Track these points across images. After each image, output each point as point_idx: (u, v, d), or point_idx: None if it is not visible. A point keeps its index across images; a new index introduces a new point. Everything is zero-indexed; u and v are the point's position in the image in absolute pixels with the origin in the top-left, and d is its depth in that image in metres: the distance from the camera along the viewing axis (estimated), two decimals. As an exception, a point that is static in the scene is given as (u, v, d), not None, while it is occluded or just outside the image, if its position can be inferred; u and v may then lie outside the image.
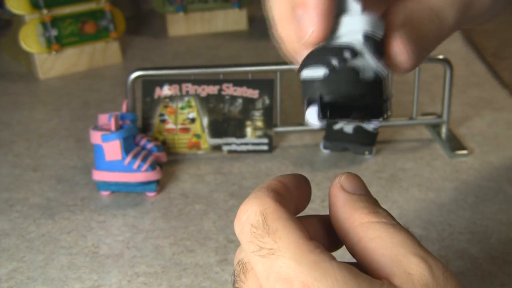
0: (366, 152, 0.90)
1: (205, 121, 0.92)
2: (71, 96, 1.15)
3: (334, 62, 0.31)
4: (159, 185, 0.83)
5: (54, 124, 1.04)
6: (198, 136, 0.92)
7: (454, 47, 1.11)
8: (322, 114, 0.31)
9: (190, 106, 0.92)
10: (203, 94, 0.92)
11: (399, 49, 0.33)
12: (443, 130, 0.95)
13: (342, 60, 0.31)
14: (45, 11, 1.20)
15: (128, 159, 0.80)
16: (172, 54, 1.35)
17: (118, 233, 0.75)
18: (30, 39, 1.19)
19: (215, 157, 0.92)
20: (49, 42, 1.21)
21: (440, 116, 0.96)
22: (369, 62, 0.31)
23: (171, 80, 0.92)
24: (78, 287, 0.66)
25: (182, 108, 0.92)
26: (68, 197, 0.82)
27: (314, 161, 0.90)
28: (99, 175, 0.81)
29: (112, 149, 0.80)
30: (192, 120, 0.92)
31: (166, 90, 0.92)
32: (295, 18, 0.32)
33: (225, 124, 0.92)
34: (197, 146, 0.92)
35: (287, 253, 0.31)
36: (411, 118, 0.95)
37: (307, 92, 0.32)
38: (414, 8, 0.34)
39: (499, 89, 1.10)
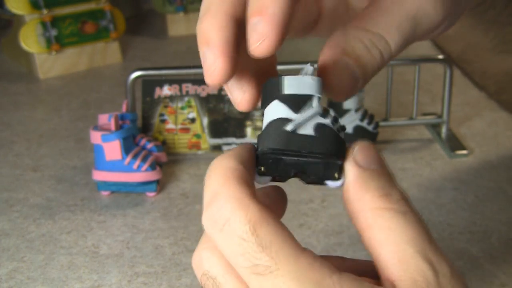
0: (366, 152, 0.90)
1: (205, 121, 0.92)
2: (71, 96, 1.15)
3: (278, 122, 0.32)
4: (159, 185, 0.83)
5: (54, 124, 1.04)
6: (198, 136, 0.92)
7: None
8: (257, 170, 0.31)
9: (190, 106, 0.92)
10: (203, 94, 0.92)
11: (339, 80, 0.33)
12: (443, 130, 0.95)
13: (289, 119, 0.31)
14: (45, 11, 1.20)
15: (128, 159, 0.80)
16: (172, 54, 1.35)
17: (118, 233, 0.75)
18: (30, 39, 1.19)
19: (215, 157, 0.91)
20: (49, 42, 1.21)
21: (440, 116, 0.96)
22: (307, 116, 0.31)
23: (171, 80, 0.92)
24: (78, 287, 0.66)
25: (182, 108, 0.92)
26: (68, 197, 0.82)
27: (314, 161, 0.90)
28: (99, 175, 0.81)
29: (112, 149, 0.80)
30: (192, 120, 0.92)
31: (166, 90, 0.92)
32: (248, 27, 0.31)
33: (225, 124, 0.92)
34: (197, 146, 0.92)
35: (286, 272, 0.29)
36: (411, 118, 0.95)
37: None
38: (357, 35, 0.33)
39: (499, 89, 1.10)
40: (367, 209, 0.31)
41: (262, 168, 0.31)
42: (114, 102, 1.11)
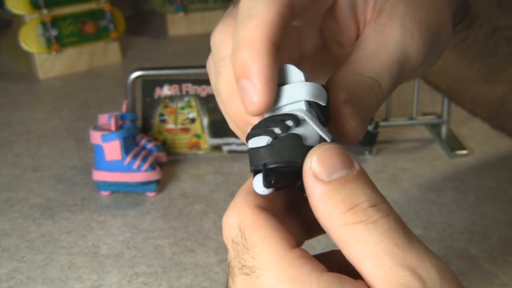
0: (366, 152, 0.90)
1: (205, 121, 0.92)
2: (71, 96, 1.15)
3: (277, 130, 0.31)
4: (159, 185, 0.83)
5: (54, 124, 1.04)
6: (198, 136, 0.92)
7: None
8: (267, 182, 0.31)
9: (190, 106, 0.92)
10: (203, 94, 0.92)
11: (348, 125, 0.33)
12: (443, 130, 0.95)
13: (285, 128, 0.31)
14: (45, 11, 1.20)
15: (128, 159, 0.80)
16: (172, 54, 1.35)
17: (118, 233, 0.75)
18: (30, 39, 1.19)
19: (215, 157, 0.92)
20: (49, 42, 1.21)
21: (440, 116, 0.96)
22: (312, 129, 0.31)
23: (171, 80, 0.92)
24: (78, 287, 0.66)
25: (182, 108, 0.92)
26: (68, 197, 0.82)
27: (314, 161, 0.90)
28: (99, 175, 0.81)
29: (112, 149, 0.80)
30: (192, 120, 0.92)
31: (166, 90, 0.92)
32: (238, 88, 0.31)
33: (225, 124, 0.91)
34: (197, 146, 0.92)
35: (266, 270, 0.29)
36: (411, 118, 0.95)
37: (253, 162, 0.32)
38: (354, 80, 0.34)
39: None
40: (337, 227, 0.30)
41: (272, 181, 0.31)
42: (114, 102, 1.11)
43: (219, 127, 0.92)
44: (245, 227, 0.31)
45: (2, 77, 1.24)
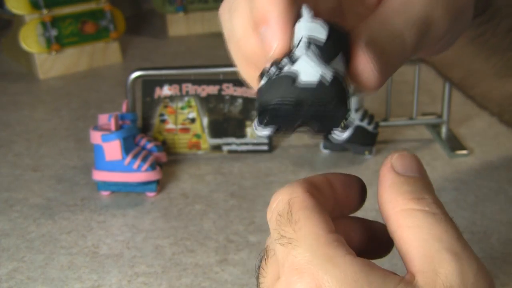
0: (366, 152, 0.90)
1: (205, 121, 0.92)
2: (71, 96, 1.15)
3: (272, 70, 0.32)
4: (159, 185, 0.83)
5: (54, 124, 1.04)
6: (198, 136, 0.92)
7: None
8: (259, 121, 0.32)
9: (190, 106, 0.92)
10: (203, 94, 0.92)
11: (365, 66, 0.33)
12: (443, 130, 0.95)
13: (279, 67, 0.32)
14: (45, 11, 1.20)
15: (128, 159, 0.80)
16: (172, 54, 1.35)
17: (118, 233, 0.75)
18: (30, 39, 1.19)
19: (215, 157, 0.92)
20: (49, 42, 1.21)
21: (440, 116, 0.96)
22: (309, 66, 0.31)
23: (171, 80, 0.92)
24: (78, 287, 0.66)
25: (182, 108, 0.92)
26: (68, 197, 0.82)
27: (314, 161, 0.90)
28: (99, 175, 0.81)
29: (112, 149, 0.80)
30: (192, 120, 0.92)
31: (166, 90, 0.92)
32: (259, 35, 0.32)
33: (225, 124, 0.92)
34: (197, 146, 0.92)
35: (303, 243, 0.31)
36: (411, 118, 0.95)
37: (255, 103, 0.33)
38: (378, 28, 0.34)
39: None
40: (398, 210, 0.32)
41: (265, 120, 0.32)
42: (114, 102, 1.11)
43: (219, 127, 0.92)
44: (294, 203, 0.32)
45: (2, 77, 1.24)
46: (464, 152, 0.91)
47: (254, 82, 0.36)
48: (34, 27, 1.19)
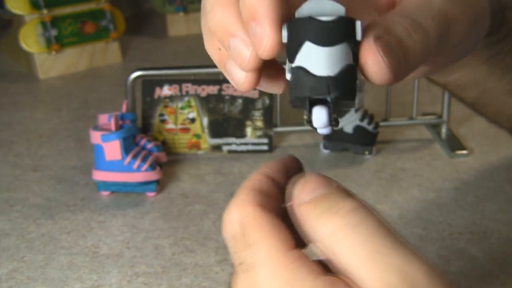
0: (366, 152, 0.90)
1: (205, 121, 0.92)
2: (71, 96, 1.15)
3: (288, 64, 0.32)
4: (159, 185, 0.83)
5: (54, 124, 1.04)
6: (198, 136, 0.92)
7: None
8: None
9: (190, 106, 0.92)
10: (203, 94, 0.92)
11: (372, 60, 0.31)
12: (443, 130, 0.95)
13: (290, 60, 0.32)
14: (45, 11, 1.20)
15: (128, 159, 0.80)
16: (172, 54, 1.35)
17: (118, 233, 0.75)
18: (30, 39, 1.19)
19: (215, 157, 0.92)
20: (49, 42, 1.21)
21: (440, 116, 0.96)
22: (316, 60, 0.31)
23: (171, 80, 0.92)
24: (78, 287, 0.66)
25: (182, 108, 0.92)
26: (68, 197, 0.82)
27: (314, 161, 0.90)
28: (99, 175, 0.81)
29: (112, 149, 0.80)
30: (192, 120, 0.92)
31: (166, 90, 0.92)
32: (250, 33, 0.31)
33: (225, 124, 0.92)
34: (197, 146, 0.92)
35: (263, 268, 0.30)
36: (411, 118, 0.95)
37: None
38: (394, 20, 0.32)
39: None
40: (324, 237, 0.30)
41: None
42: (114, 102, 1.11)
43: (219, 127, 0.92)
44: (246, 224, 0.31)
45: (2, 77, 1.24)
46: (464, 152, 0.91)
47: (215, 55, 0.35)
48: (34, 27, 1.19)
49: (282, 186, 0.34)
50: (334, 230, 0.30)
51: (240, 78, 0.34)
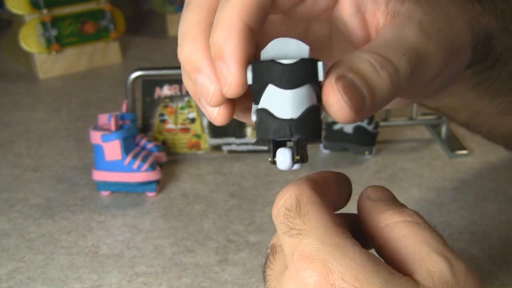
0: (366, 152, 0.90)
1: (205, 121, 0.92)
2: (71, 96, 1.15)
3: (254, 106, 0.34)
4: (159, 185, 0.83)
5: (54, 124, 1.04)
6: (198, 136, 0.92)
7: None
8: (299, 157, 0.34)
9: (190, 106, 0.92)
10: (203, 94, 0.92)
11: (332, 99, 0.30)
12: (443, 130, 0.95)
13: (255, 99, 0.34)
14: (45, 11, 1.20)
15: (128, 159, 0.80)
16: (172, 54, 1.34)
17: (118, 233, 0.75)
18: (30, 39, 1.19)
19: (215, 157, 0.92)
20: (49, 42, 1.21)
21: (440, 116, 0.96)
22: (279, 101, 0.32)
23: (171, 80, 0.92)
24: (78, 287, 0.66)
25: (182, 108, 0.92)
26: (68, 197, 0.82)
27: (314, 161, 0.90)
28: (99, 175, 0.81)
29: (112, 149, 0.80)
30: (192, 120, 0.92)
31: (166, 90, 0.92)
32: (217, 70, 0.32)
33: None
34: (197, 146, 0.92)
35: (313, 234, 0.32)
36: (411, 118, 0.95)
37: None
38: (362, 56, 0.32)
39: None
40: (383, 226, 0.34)
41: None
42: (114, 102, 1.11)
43: (219, 127, 0.92)
44: (302, 199, 0.34)
45: (2, 77, 1.24)
46: (464, 152, 0.91)
47: (190, 88, 0.36)
48: (34, 27, 1.19)
49: (332, 191, 0.37)
50: (397, 220, 0.34)
51: (212, 113, 0.35)
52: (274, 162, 0.33)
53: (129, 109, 0.89)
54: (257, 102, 0.33)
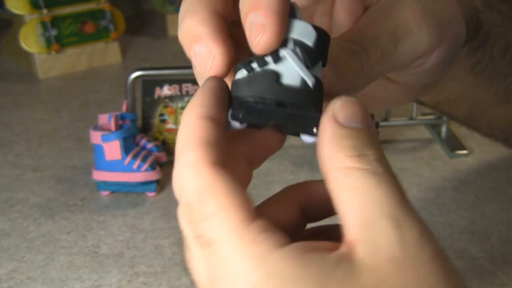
0: (366, 152, 0.90)
1: (205, 121, 0.92)
2: (71, 96, 1.15)
3: (254, 65, 0.31)
4: (159, 185, 0.83)
5: (54, 124, 1.04)
6: (198, 136, 0.92)
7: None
8: (234, 115, 0.30)
9: (190, 106, 0.92)
10: (203, 94, 0.92)
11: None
12: (443, 130, 0.95)
13: (262, 63, 0.31)
14: (45, 11, 1.20)
15: (128, 159, 0.80)
16: (172, 54, 1.35)
17: (118, 233, 0.75)
18: (30, 39, 1.19)
19: (215, 157, 0.91)
20: (49, 42, 1.21)
21: (440, 116, 0.96)
22: (293, 68, 0.30)
23: (171, 80, 0.92)
24: (78, 287, 0.66)
25: (182, 108, 0.92)
26: (68, 197, 0.82)
27: (314, 161, 0.90)
28: (99, 175, 0.81)
29: (112, 149, 0.80)
30: (192, 120, 0.92)
31: (166, 90, 0.92)
32: (247, 26, 0.30)
33: (225, 124, 0.92)
34: (197, 146, 0.92)
35: (227, 245, 0.27)
36: (411, 118, 0.95)
37: (231, 94, 0.32)
38: (338, 44, 0.34)
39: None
40: (338, 168, 0.29)
41: (240, 115, 0.30)
42: (114, 102, 1.11)
43: (219, 127, 0.92)
44: (203, 190, 0.28)
45: (2, 77, 1.24)
46: (464, 152, 0.91)
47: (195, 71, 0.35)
48: (34, 27, 1.19)
49: (220, 118, 0.31)
50: (355, 166, 0.28)
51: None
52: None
53: (129, 109, 0.89)
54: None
